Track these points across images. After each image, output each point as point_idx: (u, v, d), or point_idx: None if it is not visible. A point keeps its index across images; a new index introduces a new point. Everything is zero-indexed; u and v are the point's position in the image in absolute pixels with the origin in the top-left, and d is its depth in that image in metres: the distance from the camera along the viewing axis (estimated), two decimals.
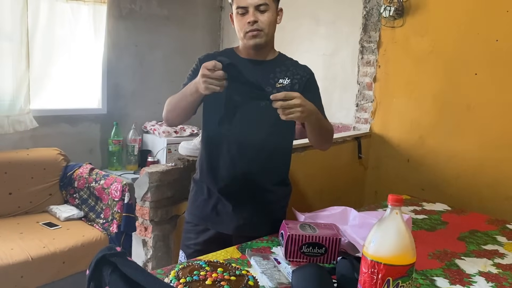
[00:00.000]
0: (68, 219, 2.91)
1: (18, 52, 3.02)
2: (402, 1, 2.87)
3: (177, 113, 1.60)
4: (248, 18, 1.54)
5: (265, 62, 1.65)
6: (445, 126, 2.79)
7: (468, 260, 1.49)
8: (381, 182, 3.09)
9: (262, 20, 1.56)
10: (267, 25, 1.57)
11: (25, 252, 2.44)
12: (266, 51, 1.65)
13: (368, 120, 3.14)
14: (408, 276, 0.90)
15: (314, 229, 1.41)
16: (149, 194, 1.91)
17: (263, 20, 1.56)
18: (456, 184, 2.74)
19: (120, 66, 3.64)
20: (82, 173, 3.10)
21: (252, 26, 1.55)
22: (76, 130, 3.45)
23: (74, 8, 3.29)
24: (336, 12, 3.35)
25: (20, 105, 3.05)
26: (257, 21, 1.55)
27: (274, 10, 1.59)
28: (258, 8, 1.55)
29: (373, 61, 3.09)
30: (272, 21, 1.59)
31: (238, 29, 1.59)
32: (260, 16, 1.55)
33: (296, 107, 1.36)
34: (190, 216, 1.72)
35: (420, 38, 2.86)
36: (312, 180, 2.64)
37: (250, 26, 1.55)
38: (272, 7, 1.58)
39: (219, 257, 1.35)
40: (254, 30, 1.55)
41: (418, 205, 2.12)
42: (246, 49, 1.64)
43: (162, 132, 3.63)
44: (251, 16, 1.54)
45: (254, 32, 1.56)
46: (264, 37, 1.58)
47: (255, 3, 1.54)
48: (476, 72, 2.65)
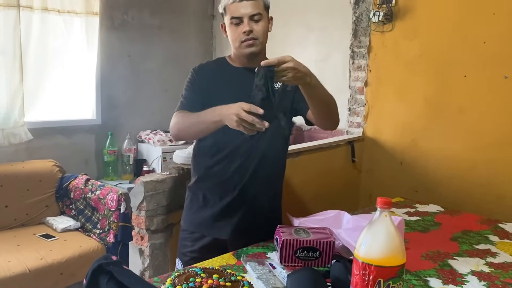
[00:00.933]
0: (65, 230, 2.91)
1: (12, 65, 3.04)
2: (390, 6, 2.91)
3: (192, 134, 1.61)
4: (243, 28, 1.57)
5: None
6: (436, 128, 2.82)
7: (461, 260, 1.51)
8: (375, 185, 3.12)
9: (257, 29, 1.59)
10: (261, 34, 1.60)
11: (23, 264, 2.45)
12: (258, 59, 1.67)
13: (361, 124, 3.17)
14: (398, 277, 0.92)
15: (308, 233, 1.43)
16: (145, 203, 1.93)
17: (258, 29, 1.59)
18: (449, 185, 2.77)
19: (114, 77, 3.66)
20: (78, 184, 3.11)
21: (247, 36, 1.58)
22: (71, 141, 3.46)
23: (66, 20, 3.31)
24: (326, 18, 3.39)
25: (14, 118, 3.07)
26: (252, 31, 1.58)
27: (266, 19, 1.63)
28: (252, 18, 1.58)
29: (364, 66, 3.12)
30: (266, 30, 1.63)
31: (233, 39, 1.61)
32: (255, 26, 1.58)
33: (289, 70, 1.35)
34: (186, 223, 1.74)
35: (410, 42, 2.90)
36: (307, 185, 2.67)
37: (245, 36, 1.58)
38: (264, 16, 1.62)
39: (215, 263, 1.37)
40: (250, 39, 1.58)
41: (411, 207, 2.14)
42: (239, 58, 1.67)
43: (157, 141, 3.64)
44: (246, 26, 1.57)
45: (250, 42, 1.59)
46: (259, 46, 1.61)
47: (250, 12, 1.57)
48: (465, 74, 2.68)
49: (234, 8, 1.58)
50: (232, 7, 1.59)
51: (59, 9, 3.24)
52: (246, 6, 1.57)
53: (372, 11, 2.96)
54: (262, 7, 1.61)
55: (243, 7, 1.57)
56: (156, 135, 3.71)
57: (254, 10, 1.57)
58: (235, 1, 1.58)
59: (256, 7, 1.58)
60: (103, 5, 3.49)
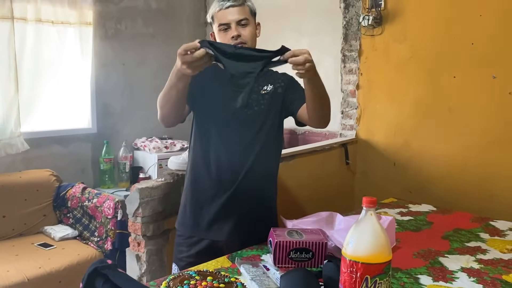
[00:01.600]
0: (63, 238, 2.93)
1: (7, 76, 3.06)
2: (380, 10, 2.96)
3: (169, 106, 1.57)
4: (231, 33, 1.62)
5: None
6: (428, 128, 2.86)
7: (451, 257, 1.54)
8: (369, 187, 3.15)
9: (245, 34, 1.64)
10: (249, 38, 1.65)
11: (21, 273, 2.46)
12: None
13: (354, 127, 3.21)
14: (385, 273, 0.95)
15: (301, 235, 1.46)
16: (140, 210, 1.95)
17: (246, 34, 1.64)
18: (442, 184, 2.80)
19: (109, 85, 3.69)
20: (75, 193, 3.13)
21: (236, 40, 1.62)
22: (67, 151, 3.49)
23: (60, 30, 3.34)
24: (317, 23, 3.43)
25: (10, 128, 3.09)
26: (240, 35, 1.62)
27: (253, 24, 1.68)
28: (239, 23, 1.63)
29: (355, 69, 3.17)
30: (254, 34, 1.68)
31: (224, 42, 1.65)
32: (242, 30, 1.63)
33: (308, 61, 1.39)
34: (182, 227, 1.76)
35: (399, 45, 2.94)
36: (302, 188, 2.70)
37: (234, 40, 1.62)
38: (251, 21, 1.67)
39: (210, 267, 1.40)
40: (238, 44, 1.62)
41: (404, 207, 2.17)
42: None
43: (152, 148, 3.67)
44: (234, 31, 1.62)
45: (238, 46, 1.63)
46: None
47: (236, 18, 1.62)
48: (454, 75, 2.73)
49: (221, 15, 1.64)
50: (219, 15, 1.64)
51: (53, 20, 3.27)
52: (232, 12, 1.63)
53: (361, 15, 3.00)
54: (249, 13, 1.66)
55: (230, 13, 1.62)
56: (151, 142, 3.73)
57: (241, 16, 1.63)
58: (222, 8, 1.63)
59: (242, 13, 1.63)
60: (96, 15, 3.52)
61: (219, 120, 1.68)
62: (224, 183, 1.67)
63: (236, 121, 1.67)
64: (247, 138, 1.67)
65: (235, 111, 1.66)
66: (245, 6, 1.65)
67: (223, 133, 1.68)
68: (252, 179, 1.68)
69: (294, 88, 1.73)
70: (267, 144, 1.71)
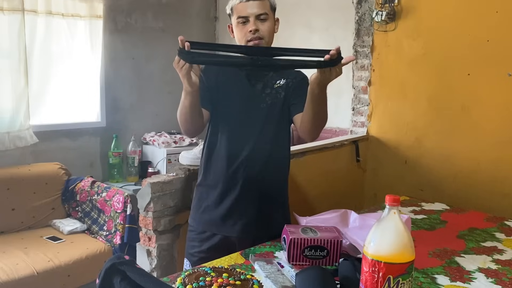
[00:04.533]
0: (72, 232, 2.93)
1: (17, 69, 3.06)
2: (393, 5, 2.92)
3: (185, 120, 1.59)
4: (249, 27, 1.60)
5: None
6: (440, 126, 2.83)
7: (467, 257, 1.51)
8: (380, 184, 3.12)
9: (263, 29, 1.61)
10: (267, 34, 1.63)
11: (30, 266, 2.46)
12: None
13: (365, 124, 3.18)
14: (408, 274, 0.93)
15: (315, 232, 1.44)
16: (152, 204, 1.94)
17: (264, 29, 1.62)
18: (454, 183, 2.77)
19: (118, 79, 3.68)
20: (84, 187, 3.13)
21: (253, 35, 1.61)
22: (77, 144, 3.48)
23: (70, 23, 3.33)
24: (328, 18, 3.40)
25: (20, 121, 3.08)
26: (258, 30, 1.61)
27: (272, 19, 1.66)
28: (258, 17, 1.61)
29: (367, 65, 3.13)
30: (272, 30, 1.66)
31: (239, 37, 1.64)
32: (261, 25, 1.61)
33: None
34: (195, 222, 1.75)
35: (413, 41, 2.90)
36: (312, 184, 2.68)
37: (251, 35, 1.61)
38: (271, 16, 1.65)
39: (223, 263, 1.38)
40: (256, 39, 1.61)
41: (417, 206, 2.15)
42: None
43: (161, 142, 3.66)
44: (252, 25, 1.60)
45: (256, 41, 1.62)
46: (265, 45, 1.64)
47: (256, 12, 1.60)
48: (469, 73, 2.69)
49: (241, 7, 1.62)
50: (239, 7, 1.62)
51: (63, 12, 3.26)
52: (252, 6, 1.60)
53: (375, 11, 2.97)
54: (269, 8, 1.64)
55: (250, 6, 1.60)
56: (160, 137, 3.72)
57: (261, 10, 1.60)
58: (242, 1, 1.61)
59: (262, 7, 1.61)
60: (106, 8, 3.51)
61: (233, 114, 1.67)
62: (237, 177, 1.66)
63: (249, 115, 1.66)
64: (260, 132, 1.66)
65: (249, 105, 1.65)
66: (265, 1, 1.63)
67: (236, 128, 1.67)
68: (265, 172, 1.68)
69: (301, 90, 1.67)
70: (279, 138, 1.71)
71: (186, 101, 1.49)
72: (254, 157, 1.66)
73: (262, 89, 1.67)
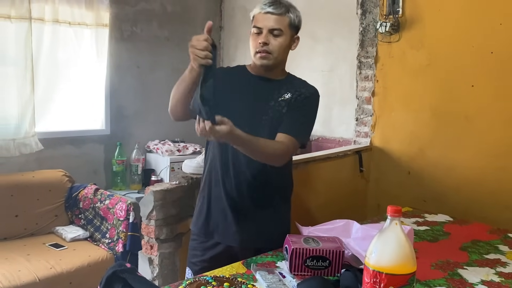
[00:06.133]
0: (74, 239, 2.93)
1: (23, 77, 3.08)
2: (397, 16, 2.93)
3: (176, 98, 1.59)
4: (260, 39, 1.61)
5: (273, 81, 1.70)
6: (444, 137, 2.83)
7: (470, 269, 1.51)
8: (383, 195, 3.11)
9: (273, 44, 1.61)
10: (277, 50, 1.62)
11: (32, 273, 2.47)
12: (275, 72, 1.70)
13: (368, 134, 3.18)
14: (409, 285, 0.92)
15: (317, 242, 1.44)
16: (154, 213, 1.94)
17: (274, 44, 1.61)
18: (457, 194, 2.76)
19: (123, 87, 3.70)
20: (87, 194, 3.13)
21: (262, 47, 1.61)
22: (81, 151, 3.50)
23: (77, 31, 3.36)
24: (332, 29, 3.41)
25: (25, 128, 3.10)
26: (267, 44, 1.61)
27: (288, 37, 1.64)
28: (272, 31, 1.61)
29: (371, 76, 3.14)
30: (284, 47, 1.64)
31: (251, 46, 1.65)
32: (272, 40, 1.61)
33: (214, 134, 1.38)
34: (196, 228, 1.75)
35: (416, 52, 2.91)
36: (315, 194, 2.67)
37: (260, 47, 1.61)
38: (286, 33, 1.63)
39: (225, 272, 1.38)
40: (263, 52, 1.62)
41: (420, 217, 2.14)
42: (256, 67, 1.70)
43: (165, 151, 3.66)
44: (263, 38, 1.60)
45: (263, 54, 1.62)
46: (272, 60, 1.64)
47: (269, 26, 1.60)
48: (472, 84, 2.69)
49: (258, 18, 1.63)
50: (257, 17, 1.63)
51: (70, 21, 3.29)
52: (269, 19, 1.60)
53: (379, 22, 2.98)
54: (286, 24, 1.62)
55: (266, 19, 1.60)
56: (164, 145, 3.73)
57: (275, 25, 1.60)
58: (261, 12, 1.62)
59: (278, 23, 1.60)
60: (112, 17, 3.54)
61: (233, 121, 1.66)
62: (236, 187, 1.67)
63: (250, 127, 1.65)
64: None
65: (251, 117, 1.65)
66: (284, 17, 1.62)
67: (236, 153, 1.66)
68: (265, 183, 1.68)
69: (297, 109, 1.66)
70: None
71: (189, 77, 1.49)
72: (254, 168, 1.66)
73: (266, 101, 1.67)
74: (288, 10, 1.63)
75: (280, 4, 1.63)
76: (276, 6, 1.61)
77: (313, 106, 1.73)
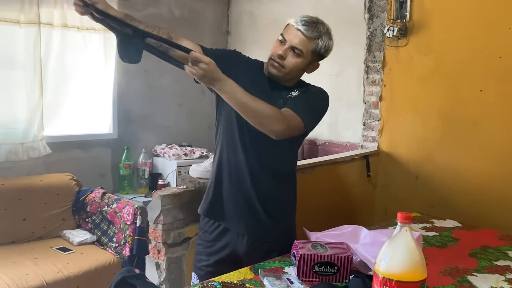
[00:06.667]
0: (81, 243, 2.93)
1: (32, 81, 3.10)
2: (405, 21, 2.93)
3: None
4: (279, 49, 1.61)
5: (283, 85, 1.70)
6: (452, 142, 2.81)
7: (480, 276, 1.50)
8: (390, 200, 3.10)
9: (290, 61, 1.61)
10: (290, 67, 1.62)
11: (40, 277, 2.47)
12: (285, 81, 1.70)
13: (376, 138, 3.17)
14: None
15: (325, 248, 1.43)
16: (162, 217, 1.94)
17: (289, 61, 1.61)
18: (466, 199, 2.74)
19: (130, 92, 3.71)
20: (94, 198, 3.14)
21: (277, 59, 1.61)
22: (88, 155, 3.51)
23: (85, 36, 3.38)
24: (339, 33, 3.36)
25: (33, 132, 3.12)
26: (284, 58, 1.61)
27: (307, 60, 1.63)
28: (293, 49, 1.60)
29: (378, 80, 3.13)
30: (298, 67, 1.63)
31: (271, 50, 1.65)
32: (290, 56, 1.61)
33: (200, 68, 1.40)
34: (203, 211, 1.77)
35: (424, 57, 2.90)
36: (322, 199, 2.66)
37: (276, 57, 1.61)
38: (307, 57, 1.62)
39: (233, 278, 1.38)
40: (276, 62, 1.62)
41: (428, 222, 2.13)
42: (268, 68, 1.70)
43: (172, 155, 3.67)
44: (282, 50, 1.60)
45: (276, 64, 1.62)
46: (282, 74, 1.64)
47: (293, 43, 1.59)
48: (481, 89, 2.68)
49: (289, 29, 1.62)
50: (289, 27, 1.62)
51: (78, 26, 3.31)
52: (296, 36, 1.59)
53: (386, 27, 2.97)
54: (310, 49, 1.61)
55: (294, 34, 1.60)
56: (171, 149, 3.74)
57: (298, 45, 1.59)
58: (294, 25, 1.60)
59: (302, 44, 1.59)
60: None
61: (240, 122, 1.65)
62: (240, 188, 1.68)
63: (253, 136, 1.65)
64: (267, 143, 1.65)
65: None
66: (311, 42, 1.59)
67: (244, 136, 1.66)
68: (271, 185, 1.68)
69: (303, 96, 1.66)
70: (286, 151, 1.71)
71: None
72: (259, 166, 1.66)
73: (276, 99, 1.66)
74: (319, 37, 1.60)
75: (315, 28, 1.60)
76: (309, 28, 1.59)
77: (321, 99, 1.71)
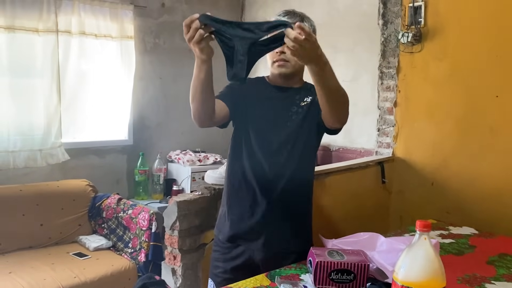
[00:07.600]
0: (97, 249, 2.97)
1: (50, 88, 3.16)
2: (419, 27, 2.92)
3: (197, 98, 1.53)
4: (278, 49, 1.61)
5: (291, 89, 1.72)
6: (468, 148, 2.79)
7: (498, 284, 1.48)
8: (406, 207, 3.08)
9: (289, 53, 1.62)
10: (293, 58, 1.61)
11: (57, 282, 2.50)
12: (293, 81, 1.72)
13: (391, 145, 3.16)
14: None
15: (342, 255, 1.43)
16: (178, 223, 1.96)
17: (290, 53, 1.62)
18: (482, 206, 2.71)
19: (146, 98, 3.76)
20: (110, 204, 3.18)
21: (279, 56, 1.64)
22: (104, 162, 3.56)
23: (103, 43, 3.43)
24: (354, 39, 3.41)
25: (52, 139, 3.17)
26: (284, 52, 1.62)
27: None
28: None
29: (393, 86, 3.12)
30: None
31: (268, 57, 1.67)
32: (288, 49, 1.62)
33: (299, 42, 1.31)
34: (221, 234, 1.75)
35: (439, 62, 2.89)
36: (337, 206, 2.65)
37: (277, 56, 1.64)
38: None
39: (249, 284, 1.38)
40: (281, 60, 1.64)
41: (444, 229, 2.11)
42: (274, 77, 1.73)
43: (186, 161, 3.70)
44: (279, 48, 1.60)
45: (280, 62, 1.65)
46: (291, 68, 1.66)
47: None
48: (497, 95, 2.65)
49: None
50: None
51: (96, 33, 3.37)
52: None
53: (400, 32, 2.97)
54: None
55: None
56: (185, 155, 3.77)
57: None
58: None
59: None
60: (136, 29, 3.61)
61: (257, 130, 1.68)
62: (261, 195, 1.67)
63: (274, 132, 1.67)
64: (285, 148, 1.66)
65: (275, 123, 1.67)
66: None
67: (261, 144, 1.67)
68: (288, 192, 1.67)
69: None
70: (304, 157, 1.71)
71: (199, 72, 1.45)
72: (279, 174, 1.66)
73: (288, 108, 1.68)
74: (302, 20, 1.65)
75: (294, 14, 1.66)
76: (291, 16, 1.64)
77: None
